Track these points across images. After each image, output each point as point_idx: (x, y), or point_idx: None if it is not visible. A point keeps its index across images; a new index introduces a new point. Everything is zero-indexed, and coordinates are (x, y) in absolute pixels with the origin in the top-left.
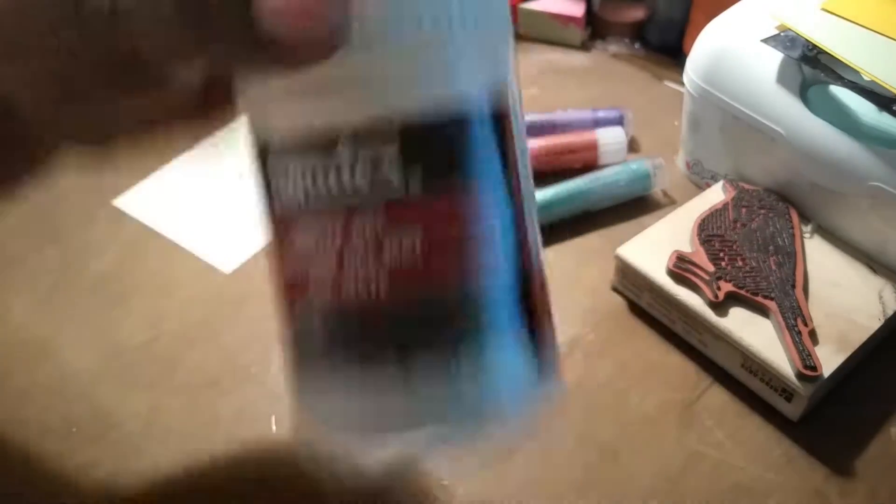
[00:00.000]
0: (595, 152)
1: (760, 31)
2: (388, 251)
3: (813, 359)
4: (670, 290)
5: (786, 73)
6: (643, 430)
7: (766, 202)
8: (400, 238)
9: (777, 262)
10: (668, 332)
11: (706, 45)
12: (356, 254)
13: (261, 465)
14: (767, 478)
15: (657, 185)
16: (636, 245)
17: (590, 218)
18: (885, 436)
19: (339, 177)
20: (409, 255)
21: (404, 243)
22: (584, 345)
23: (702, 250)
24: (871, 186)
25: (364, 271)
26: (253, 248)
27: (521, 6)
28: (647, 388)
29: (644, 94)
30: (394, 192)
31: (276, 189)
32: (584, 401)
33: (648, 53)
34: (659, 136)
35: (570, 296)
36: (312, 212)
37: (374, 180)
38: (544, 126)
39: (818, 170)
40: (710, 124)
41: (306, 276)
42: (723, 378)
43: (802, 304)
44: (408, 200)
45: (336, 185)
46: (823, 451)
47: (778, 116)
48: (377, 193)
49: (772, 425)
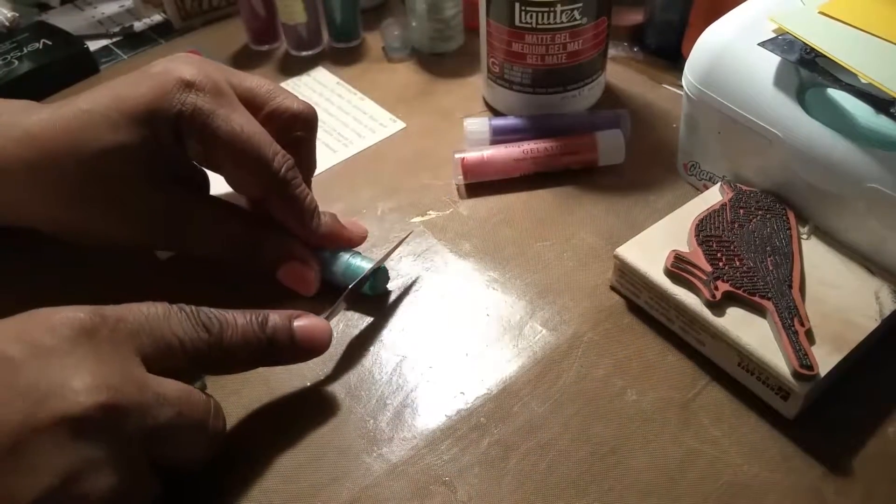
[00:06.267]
0: (594, 154)
1: (758, 35)
2: None
3: (809, 358)
4: (668, 290)
5: (783, 76)
6: (641, 429)
7: (763, 203)
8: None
9: (774, 263)
10: (666, 331)
11: (704, 48)
12: None
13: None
14: (764, 476)
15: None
16: (635, 245)
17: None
18: (881, 435)
19: None
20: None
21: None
22: (583, 343)
23: (699, 250)
24: (868, 188)
25: None
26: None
27: None
28: (645, 387)
29: (642, 96)
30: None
31: None
32: (581, 399)
33: (647, 56)
34: (657, 138)
35: (569, 295)
36: None
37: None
38: (544, 128)
39: (815, 172)
40: (708, 127)
41: None
42: (720, 377)
43: (799, 304)
44: None
45: None
46: (820, 449)
47: (775, 119)
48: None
49: (768, 424)
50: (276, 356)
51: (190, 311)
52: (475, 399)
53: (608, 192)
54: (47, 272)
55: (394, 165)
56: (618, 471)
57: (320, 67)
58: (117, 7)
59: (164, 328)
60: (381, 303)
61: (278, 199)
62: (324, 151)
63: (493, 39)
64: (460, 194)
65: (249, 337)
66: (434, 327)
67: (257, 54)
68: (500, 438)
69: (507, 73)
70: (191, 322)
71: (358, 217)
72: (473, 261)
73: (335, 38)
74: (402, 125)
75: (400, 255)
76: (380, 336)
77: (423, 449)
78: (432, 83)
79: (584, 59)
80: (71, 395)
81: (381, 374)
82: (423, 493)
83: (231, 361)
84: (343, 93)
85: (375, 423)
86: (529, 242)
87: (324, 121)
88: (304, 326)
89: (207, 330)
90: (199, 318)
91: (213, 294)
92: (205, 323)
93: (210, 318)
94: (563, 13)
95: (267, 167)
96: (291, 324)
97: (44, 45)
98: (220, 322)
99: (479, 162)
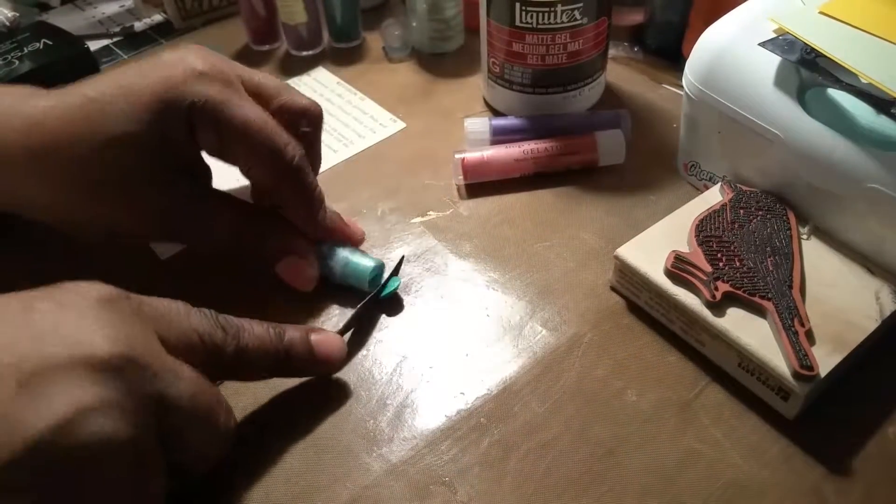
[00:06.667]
0: (595, 154)
1: (758, 35)
2: None
3: (809, 358)
4: (668, 290)
5: (783, 76)
6: (640, 429)
7: (763, 204)
8: None
9: (774, 263)
10: (666, 331)
11: (705, 48)
12: None
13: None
14: (764, 476)
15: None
16: (635, 245)
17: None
18: (882, 435)
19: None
20: None
21: None
22: (583, 343)
23: (699, 251)
24: (868, 189)
25: None
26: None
27: None
28: (645, 387)
29: (643, 96)
30: None
31: None
32: (581, 399)
33: (647, 56)
34: (657, 138)
35: (569, 295)
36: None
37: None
38: (544, 128)
39: (816, 172)
40: (708, 127)
41: None
42: (720, 377)
43: (799, 305)
44: None
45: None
46: (820, 450)
47: (775, 119)
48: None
49: (768, 424)
50: (292, 366)
51: (209, 311)
52: (475, 399)
53: (608, 192)
54: (47, 272)
55: (394, 165)
56: (618, 471)
57: (321, 67)
58: (118, 7)
59: (184, 321)
60: (382, 302)
61: (289, 189)
62: (324, 151)
63: (493, 39)
64: (460, 194)
65: (266, 343)
66: (434, 327)
67: (258, 54)
68: (500, 439)
69: (508, 73)
70: (210, 321)
71: (358, 217)
72: (474, 261)
73: (335, 39)
74: (402, 125)
75: (401, 254)
76: (380, 336)
77: (424, 449)
78: (433, 83)
79: (584, 59)
80: (93, 340)
81: (381, 374)
82: (423, 494)
83: (246, 367)
84: (343, 93)
85: (375, 423)
86: (530, 243)
87: (324, 121)
88: (320, 340)
89: (225, 330)
90: (218, 319)
91: (214, 294)
92: (223, 324)
93: (228, 320)
94: (563, 13)
95: (280, 155)
96: (308, 336)
97: (44, 45)
98: (238, 325)
99: (480, 162)
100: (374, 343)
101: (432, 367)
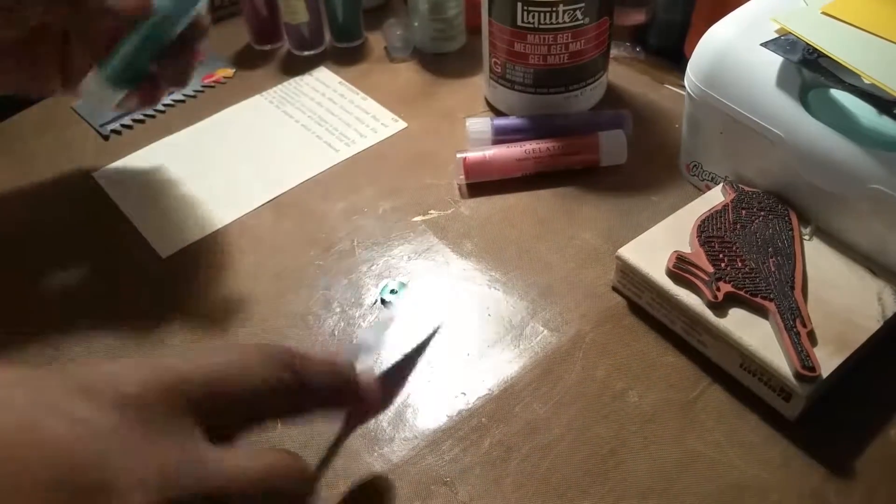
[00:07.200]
0: (596, 154)
1: (761, 35)
2: None
3: (811, 359)
4: (670, 291)
5: (786, 76)
6: (642, 429)
7: (765, 204)
8: None
9: (776, 264)
10: (668, 332)
11: (707, 48)
12: None
13: None
14: (765, 477)
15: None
16: (637, 246)
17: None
18: (883, 437)
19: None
20: None
21: None
22: (584, 344)
23: (701, 251)
24: (870, 189)
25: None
26: (190, 238)
27: None
28: (647, 388)
29: (644, 96)
30: None
31: None
32: (583, 400)
33: (649, 57)
34: (659, 138)
35: (571, 295)
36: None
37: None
38: (546, 128)
39: (818, 172)
40: (711, 127)
41: None
42: (721, 378)
43: (801, 306)
44: None
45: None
46: (822, 451)
47: (778, 119)
48: None
49: (770, 425)
50: (356, 397)
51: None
52: (476, 399)
53: (610, 192)
54: (46, 277)
55: (395, 165)
56: (619, 472)
57: (322, 67)
58: None
59: (239, 377)
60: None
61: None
62: (326, 151)
63: (495, 39)
64: (462, 194)
65: (331, 371)
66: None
67: (260, 54)
68: (501, 439)
69: (509, 73)
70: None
71: (359, 216)
72: (475, 261)
73: (337, 38)
74: (403, 125)
75: (402, 254)
76: (380, 336)
77: (425, 449)
78: (434, 83)
79: (586, 59)
80: (115, 495)
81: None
82: (424, 494)
83: (311, 400)
84: (345, 92)
85: (376, 422)
86: (531, 242)
87: (326, 120)
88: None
89: (287, 367)
90: (275, 354)
91: (214, 293)
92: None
93: (290, 352)
94: (565, 13)
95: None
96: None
97: None
98: (301, 356)
99: (481, 162)
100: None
101: (433, 366)
